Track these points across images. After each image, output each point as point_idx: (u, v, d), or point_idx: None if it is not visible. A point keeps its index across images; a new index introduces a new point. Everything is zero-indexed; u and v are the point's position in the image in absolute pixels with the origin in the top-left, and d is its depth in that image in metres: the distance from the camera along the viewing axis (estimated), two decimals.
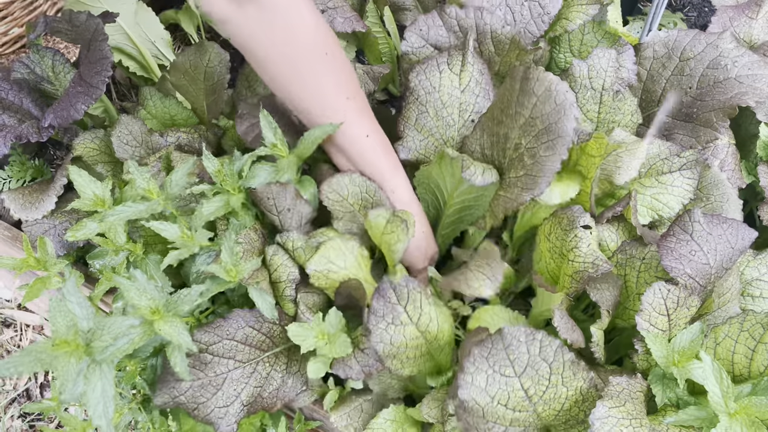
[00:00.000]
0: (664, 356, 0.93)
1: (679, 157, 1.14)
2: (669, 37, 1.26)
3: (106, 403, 0.84)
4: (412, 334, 0.98)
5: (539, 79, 0.98)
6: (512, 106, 1.02)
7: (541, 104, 0.98)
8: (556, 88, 0.96)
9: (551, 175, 0.96)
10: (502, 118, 1.05)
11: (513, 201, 1.01)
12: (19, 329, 1.74)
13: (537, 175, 0.98)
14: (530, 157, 0.99)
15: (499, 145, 1.06)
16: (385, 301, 0.96)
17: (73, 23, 1.30)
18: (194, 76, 1.38)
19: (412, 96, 1.16)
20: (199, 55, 1.36)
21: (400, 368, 0.99)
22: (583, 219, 1.00)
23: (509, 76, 1.04)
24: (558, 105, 0.96)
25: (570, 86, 1.20)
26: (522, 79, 1.01)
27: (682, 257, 0.95)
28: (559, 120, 0.96)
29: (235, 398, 1.02)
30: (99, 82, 1.21)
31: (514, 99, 1.02)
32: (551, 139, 0.97)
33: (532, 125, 0.99)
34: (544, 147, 0.97)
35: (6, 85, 1.34)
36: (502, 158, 1.06)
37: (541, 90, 0.98)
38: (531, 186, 0.99)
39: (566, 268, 1.02)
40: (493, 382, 0.88)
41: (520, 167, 1.01)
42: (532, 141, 0.99)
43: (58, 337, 0.85)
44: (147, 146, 1.27)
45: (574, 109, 0.95)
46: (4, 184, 1.34)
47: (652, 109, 1.29)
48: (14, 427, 1.59)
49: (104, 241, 1.09)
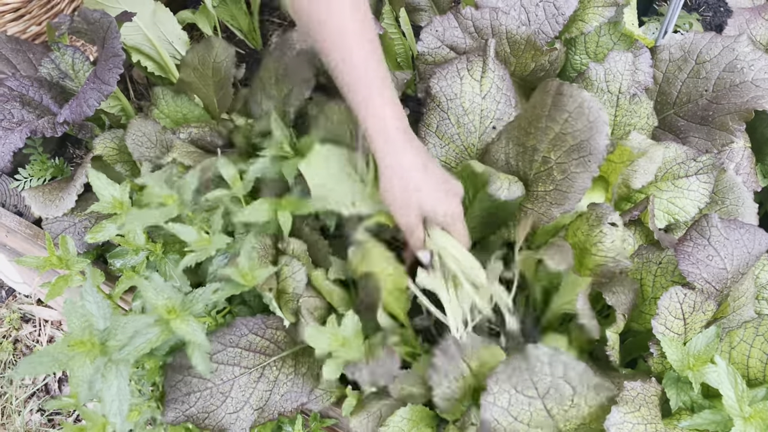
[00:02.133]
0: (680, 360, 0.93)
1: (696, 162, 1.15)
2: (685, 40, 1.26)
3: (121, 401, 0.86)
4: (469, 382, 0.99)
5: (573, 95, 0.98)
6: (542, 120, 1.02)
7: (574, 120, 0.98)
8: (590, 105, 0.96)
9: (582, 192, 0.97)
10: (530, 129, 1.05)
11: (542, 216, 1.02)
12: (38, 325, 1.76)
13: (567, 191, 0.99)
14: (560, 173, 1.00)
15: (526, 157, 1.07)
16: (447, 357, 0.97)
17: (88, 21, 1.32)
18: (203, 72, 1.39)
19: (433, 102, 1.16)
20: (206, 50, 1.37)
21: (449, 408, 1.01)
22: (611, 216, 1.01)
23: (540, 89, 1.04)
24: (591, 122, 0.96)
25: (586, 89, 1.20)
26: (555, 94, 1.01)
27: (699, 262, 0.96)
28: (591, 137, 0.96)
29: (245, 403, 1.03)
30: (110, 78, 1.22)
31: (545, 113, 1.02)
32: (583, 156, 0.97)
33: (563, 140, 1.00)
34: (575, 163, 0.97)
35: (27, 82, 1.36)
36: (529, 170, 1.07)
37: (574, 106, 0.98)
38: (561, 201, 1.00)
39: (588, 262, 1.03)
40: (516, 402, 0.88)
41: (549, 181, 1.02)
42: (563, 156, 0.99)
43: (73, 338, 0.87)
44: (162, 145, 1.29)
45: (607, 127, 0.95)
46: (25, 183, 1.36)
47: (667, 111, 1.29)
48: (33, 421, 1.62)
49: (125, 242, 1.11)
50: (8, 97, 1.33)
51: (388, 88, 0.97)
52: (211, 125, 1.32)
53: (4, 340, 1.73)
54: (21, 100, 1.34)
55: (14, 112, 1.32)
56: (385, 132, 0.95)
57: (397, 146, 0.95)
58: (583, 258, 1.04)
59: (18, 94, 1.35)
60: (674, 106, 1.28)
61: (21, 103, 1.33)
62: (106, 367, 0.83)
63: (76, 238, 1.26)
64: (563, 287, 1.10)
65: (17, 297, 1.80)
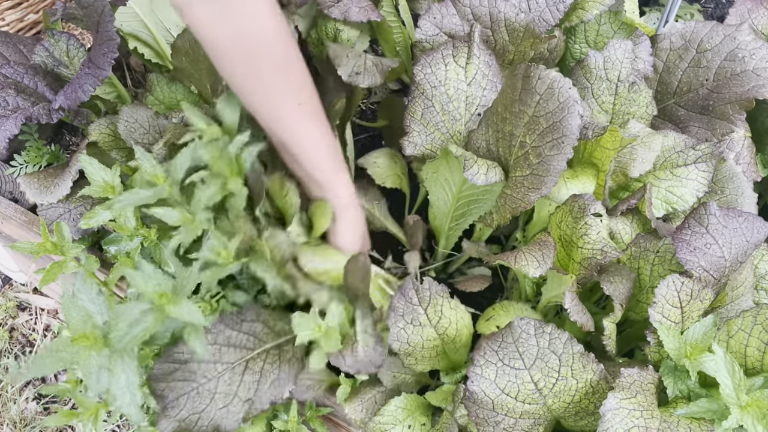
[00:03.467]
0: (677, 348, 0.93)
1: (695, 150, 1.14)
2: (686, 29, 1.25)
3: (131, 391, 0.85)
4: (429, 335, 0.99)
5: (541, 77, 0.97)
6: (515, 104, 1.02)
7: (544, 102, 0.97)
8: (559, 85, 0.95)
9: (557, 175, 0.96)
10: (506, 115, 1.04)
11: (520, 201, 1.01)
12: (34, 313, 1.75)
13: (543, 174, 0.98)
14: (536, 156, 0.99)
15: (504, 142, 1.06)
16: (406, 301, 0.97)
17: (82, 5, 1.31)
18: (194, 57, 1.37)
19: (418, 90, 1.15)
20: None
21: (414, 365, 1.00)
22: (593, 207, 1.00)
23: (510, 73, 1.03)
24: (561, 103, 0.95)
25: (585, 77, 1.19)
26: (524, 76, 1.00)
27: (696, 250, 0.95)
28: (563, 118, 0.95)
29: (233, 397, 1.02)
30: (105, 63, 1.21)
31: (516, 97, 1.01)
32: (556, 138, 0.96)
33: (536, 123, 0.99)
34: (549, 146, 0.96)
35: (22, 69, 1.35)
36: (508, 155, 1.06)
37: (544, 88, 0.97)
38: (537, 185, 0.98)
39: (575, 255, 1.02)
40: (503, 374, 0.88)
41: (526, 166, 1.01)
42: (537, 139, 0.99)
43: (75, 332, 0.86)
44: (155, 130, 1.28)
45: (578, 106, 0.94)
46: (21, 169, 1.35)
47: (667, 100, 1.28)
48: (29, 409, 1.61)
49: (117, 227, 1.10)
50: (3, 84, 1.32)
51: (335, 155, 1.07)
52: (203, 109, 1.31)
53: (0, 328, 1.72)
54: (16, 87, 1.33)
55: (9, 100, 1.31)
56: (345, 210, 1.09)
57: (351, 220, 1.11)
58: (571, 251, 1.04)
59: (13, 81, 1.34)
60: (674, 95, 1.27)
61: (16, 91, 1.32)
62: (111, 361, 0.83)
63: (72, 225, 1.26)
64: (549, 282, 1.10)
65: (13, 285, 1.79)
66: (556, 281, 1.03)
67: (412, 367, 0.99)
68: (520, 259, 0.96)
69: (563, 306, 0.96)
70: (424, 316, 0.97)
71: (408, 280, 0.97)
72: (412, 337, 0.97)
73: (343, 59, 1.22)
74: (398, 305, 0.97)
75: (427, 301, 0.97)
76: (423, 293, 0.97)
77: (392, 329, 0.96)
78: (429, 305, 0.97)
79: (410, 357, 0.98)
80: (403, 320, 0.97)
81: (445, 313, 0.98)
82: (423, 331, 0.98)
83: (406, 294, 0.97)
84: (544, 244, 0.97)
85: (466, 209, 1.15)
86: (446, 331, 0.99)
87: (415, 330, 0.97)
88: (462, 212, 1.16)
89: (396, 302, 0.97)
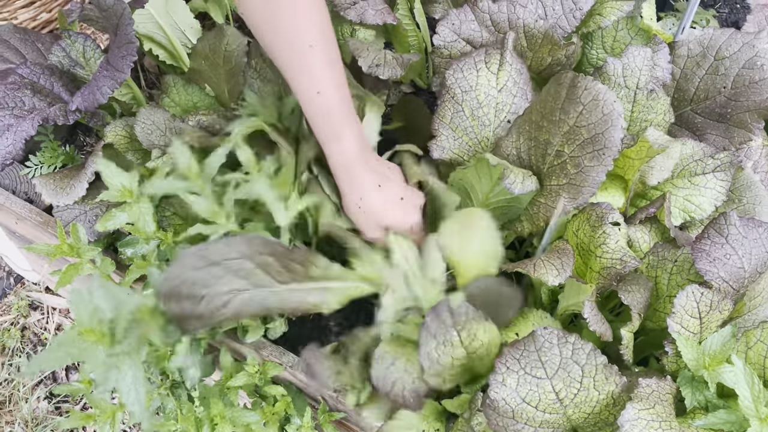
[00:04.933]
0: (695, 359, 0.92)
1: (713, 159, 1.13)
2: (704, 36, 1.24)
3: (137, 389, 0.85)
4: (459, 355, 0.98)
5: (587, 87, 0.97)
6: (556, 113, 1.01)
7: (588, 113, 0.97)
8: (604, 97, 0.95)
9: (596, 186, 0.96)
10: (543, 123, 1.04)
11: (554, 209, 1.01)
12: (46, 312, 1.76)
13: (581, 185, 0.98)
14: (574, 166, 0.99)
15: (538, 150, 1.06)
16: (440, 322, 0.95)
17: (101, 8, 1.31)
18: (214, 61, 1.38)
19: (448, 94, 1.15)
20: (217, 39, 1.36)
21: (441, 384, 0.99)
22: (611, 215, 1.00)
23: (554, 81, 1.03)
24: (605, 115, 0.95)
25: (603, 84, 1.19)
26: (570, 86, 1.00)
27: (716, 260, 0.95)
28: (606, 130, 0.95)
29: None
30: (124, 65, 1.22)
31: (558, 106, 1.01)
32: (597, 149, 0.96)
33: (577, 134, 0.99)
34: (590, 157, 0.96)
35: (39, 70, 1.35)
36: (542, 164, 1.06)
37: (588, 99, 0.97)
38: (574, 195, 0.98)
39: (594, 264, 1.02)
40: (525, 383, 0.88)
41: (562, 175, 1.01)
42: (577, 150, 0.98)
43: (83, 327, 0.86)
44: (171, 133, 1.28)
45: (622, 120, 0.94)
46: (36, 170, 1.36)
47: (684, 107, 1.28)
48: (40, 409, 1.62)
49: (135, 230, 1.10)
50: (19, 84, 1.32)
51: (352, 115, 1.01)
52: (220, 112, 1.32)
53: (12, 327, 1.73)
54: (32, 87, 1.34)
55: (25, 100, 1.31)
56: (348, 168, 1.02)
57: (357, 177, 1.02)
58: (588, 259, 1.03)
59: (29, 81, 1.35)
60: (692, 102, 1.26)
61: (32, 91, 1.33)
62: (118, 358, 0.83)
63: (87, 226, 1.26)
64: (567, 290, 1.09)
65: (26, 284, 1.80)
66: (574, 290, 1.02)
67: (438, 387, 0.99)
68: (539, 267, 0.96)
69: (580, 314, 0.96)
70: (457, 339, 0.96)
71: (443, 300, 0.95)
72: (443, 357, 0.96)
73: (364, 51, 1.22)
74: (431, 325, 0.95)
75: (462, 325, 0.96)
76: (458, 317, 0.95)
77: (422, 348, 0.95)
78: (463, 329, 0.96)
79: (438, 377, 0.98)
80: (435, 341, 0.95)
81: (478, 336, 0.97)
82: (454, 351, 0.96)
83: (441, 315, 0.95)
84: (563, 252, 0.97)
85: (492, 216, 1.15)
86: (477, 351, 0.98)
87: (446, 351, 0.96)
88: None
89: (429, 321, 0.95)
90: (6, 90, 1.30)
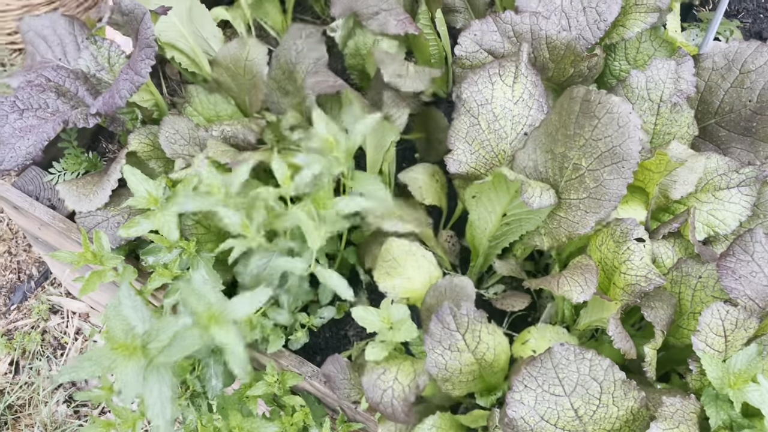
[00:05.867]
0: (720, 378, 0.91)
1: (738, 173, 1.12)
2: (730, 49, 1.23)
3: (163, 403, 0.85)
4: (467, 360, 0.98)
5: (601, 101, 0.96)
6: (570, 127, 1.01)
7: (603, 126, 0.96)
8: (619, 110, 0.95)
9: (617, 200, 0.95)
10: (558, 136, 1.03)
11: (577, 224, 1.00)
12: (66, 316, 1.78)
13: (601, 198, 0.97)
14: (593, 180, 0.98)
15: (555, 164, 1.05)
16: (443, 326, 0.96)
17: (123, 12, 1.32)
18: (235, 72, 1.39)
19: (464, 107, 1.14)
20: (239, 49, 1.37)
21: (451, 390, 0.99)
22: (636, 231, 0.99)
23: (567, 95, 1.02)
24: (621, 127, 0.95)
25: (627, 97, 1.18)
26: (582, 100, 0.99)
27: (742, 278, 0.94)
28: (623, 143, 0.94)
29: None
30: (143, 69, 1.22)
31: (572, 120, 1.00)
32: (615, 162, 0.96)
33: (594, 147, 0.98)
34: (608, 170, 0.96)
35: (64, 73, 1.36)
36: (559, 177, 1.05)
37: (603, 112, 0.96)
38: (595, 209, 0.98)
39: (618, 280, 1.01)
40: (542, 400, 0.87)
41: (581, 189, 1.00)
42: (595, 163, 0.98)
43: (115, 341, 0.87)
44: (195, 142, 1.29)
45: (639, 132, 0.93)
46: (59, 176, 1.37)
47: (708, 121, 1.27)
48: (59, 412, 1.64)
49: (158, 239, 1.11)
50: (44, 87, 1.34)
51: None
52: (243, 122, 1.32)
53: (33, 330, 1.75)
54: (57, 90, 1.35)
55: (50, 102, 1.33)
56: None
57: None
58: (612, 275, 1.03)
59: (54, 84, 1.36)
60: (716, 115, 1.25)
61: (57, 94, 1.34)
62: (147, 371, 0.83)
63: (109, 233, 1.26)
64: (590, 306, 1.09)
65: (46, 288, 1.81)
66: (597, 306, 1.02)
67: (449, 392, 0.99)
68: (562, 284, 0.96)
69: (604, 330, 0.95)
70: (462, 342, 0.96)
71: (445, 304, 0.96)
72: (450, 362, 0.96)
73: (387, 62, 1.22)
74: (435, 330, 0.95)
75: (465, 327, 0.96)
76: (461, 318, 0.96)
77: (429, 355, 0.95)
78: (467, 331, 0.96)
79: (447, 383, 0.97)
80: (441, 346, 0.96)
81: (483, 338, 0.97)
82: (461, 356, 0.97)
83: (443, 319, 0.96)
84: (587, 269, 0.96)
85: (507, 229, 1.15)
86: (484, 356, 0.98)
87: (453, 356, 0.96)
88: (504, 232, 1.16)
89: (432, 327, 0.95)
90: (32, 91, 1.32)
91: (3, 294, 1.78)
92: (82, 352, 1.70)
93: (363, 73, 1.45)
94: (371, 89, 1.30)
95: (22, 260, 1.81)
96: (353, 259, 1.28)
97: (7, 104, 1.29)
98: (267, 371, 1.13)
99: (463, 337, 0.96)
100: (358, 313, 0.99)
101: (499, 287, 1.36)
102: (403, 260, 1.08)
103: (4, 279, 1.79)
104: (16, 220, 1.47)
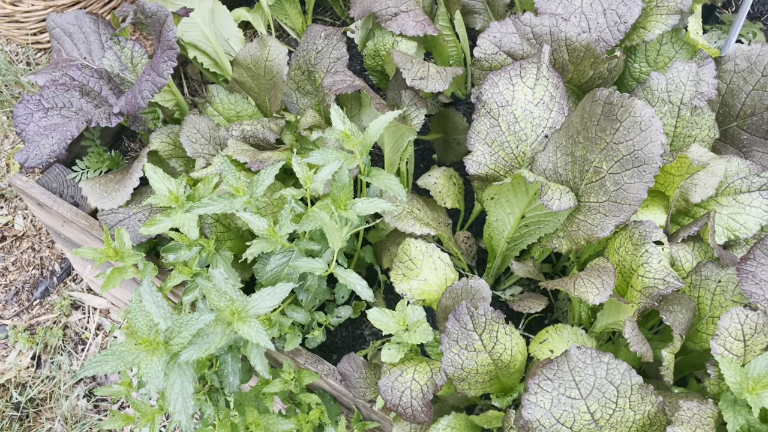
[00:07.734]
0: (738, 383, 0.90)
1: (759, 177, 1.11)
2: (752, 51, 1.22)
3: (185, 399, 0.87)
4: (484, 360, 0.98)
5: (623, 105, 0.96)
6: (591, 129, 1.01)
7: (626, 130, 0.96)
8: (642, 114, 0.94)
9: (638, 204, 0.95)
10: (579, 139, 1.03)
11: (596, 228, 1.00)
12: (87, 312, 1.80)
13: (622, 202, 0.97)
14: (613, 183, 0.98)
15: (575, 166, 1.05)
16: (460, 326, 0.96)
17: (146, 14, 1.34)
18: (255, 72, 1.41)
19: (484, 109, 1.14)
20: (259, 49, 1.38)
21: (467, 389, 0.99)
22: (654, 234, 0.99)
23: (589, 97, 1.02)
24: (644, 131, 0.94)
25: (647, 99, 1.17)
26: (605, 103, 0.99)
27: (762, 282, 0.93)
28: (645, 147, 0.94)
29: None
30: (165, 70, 1.24)
31: (594, 123, 1.00)
32: (637, 166, 0.95)
33: (615, 150, 0.98)
34: (629, 174, 0.95)
35: (89, 72, 1.39)
36: (579, 180, 1.05)
37: (626, 116, 0.96)
38: (616, 213, 0.97)
39: (635, 283, 1.01)
40: (558, 403, 0.87)
41: (602, 192, 1.00)
42: (616, 167, 0.97)
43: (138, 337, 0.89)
44: (215, 142, 1.31)
45: (662, 136, 0.93)
46: (83, 174, 1.39)
47: (729, 123, 1.26)
48: (80, 406, 1.66)
49: (179, 236, 1.12)
50: (69, 86, 1.36)
51: None
52: (263, 122, 1.34)
53: (55, 325, 1.78)
54: (81, 90, 1.37)
55: (74, 101, 1.35)
56: None
57: None
58: (630, 278, 1.02)
59: (79, 84, 1.38)
60: (737, 118, 1.24)
61: (81, 93, 1.36)
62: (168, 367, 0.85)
63: (130, 231, 1.29)
64: (607, 309, 1.08)
65: (68, 284, 1.84)
66: (614, 308, 1.01)
67: (465, 393, 0.99)
68: (579, 285, 0.95)
69: (620, 333, 0.94)
70: (479, 342, 0.96)
71: (463, 303, 0.96)
72: (467, 362, 0.97)
73: (408, 64, 1.23)
74: (452, 329, 0.96)
75: (483, 327, 0.96)
76: (478, 318, 0.96)
77: (446, 354, 0.96)
78: (484, 331, 0.96)
79: (464, 383, 0.98)
80: (458, 345, 0.96)
81: (500, 339, 0.97)
82: (477, 356, 0.97)
83: (461, 319, 0.96)
84: (604, 271, 0.96)
85: (526, 230, 1.14)
86: (501, 356, 0.98)
87: (470, 356, 0.96)
88: (522, 233, 1.16)
89: (450, 326, 0.96)
90: (56, 90, 1.34)
91: (26, 289, 1.81)
92: (103, 348, 1.72)
93: (382, 73, 1.45)
94: (390, 89, 1.30)
95: (45, 256, 1.84)
96: (370, 258, 1.29)
97: (32, 103, 1.31)
98: (284, 369, 1.14)
99: (480, 338, 0.96)
100: (374, 315, 1.00)
101: (516, 289, 1.36)
102: (420, 261, 1.09)
103: (27, 275, 1.82)
104: (40, 216, 1.50)
